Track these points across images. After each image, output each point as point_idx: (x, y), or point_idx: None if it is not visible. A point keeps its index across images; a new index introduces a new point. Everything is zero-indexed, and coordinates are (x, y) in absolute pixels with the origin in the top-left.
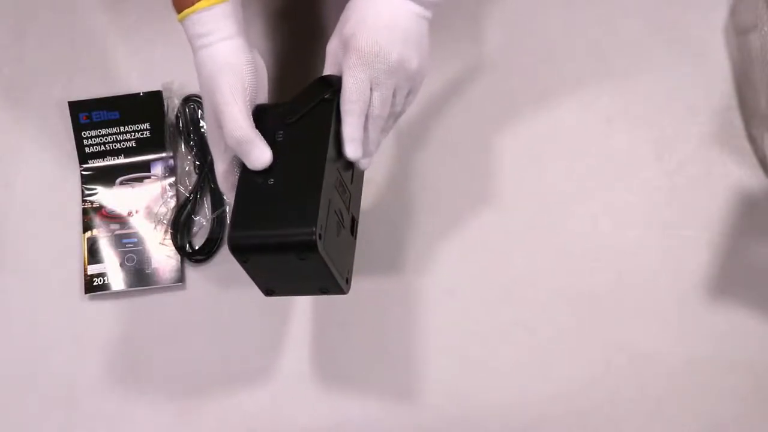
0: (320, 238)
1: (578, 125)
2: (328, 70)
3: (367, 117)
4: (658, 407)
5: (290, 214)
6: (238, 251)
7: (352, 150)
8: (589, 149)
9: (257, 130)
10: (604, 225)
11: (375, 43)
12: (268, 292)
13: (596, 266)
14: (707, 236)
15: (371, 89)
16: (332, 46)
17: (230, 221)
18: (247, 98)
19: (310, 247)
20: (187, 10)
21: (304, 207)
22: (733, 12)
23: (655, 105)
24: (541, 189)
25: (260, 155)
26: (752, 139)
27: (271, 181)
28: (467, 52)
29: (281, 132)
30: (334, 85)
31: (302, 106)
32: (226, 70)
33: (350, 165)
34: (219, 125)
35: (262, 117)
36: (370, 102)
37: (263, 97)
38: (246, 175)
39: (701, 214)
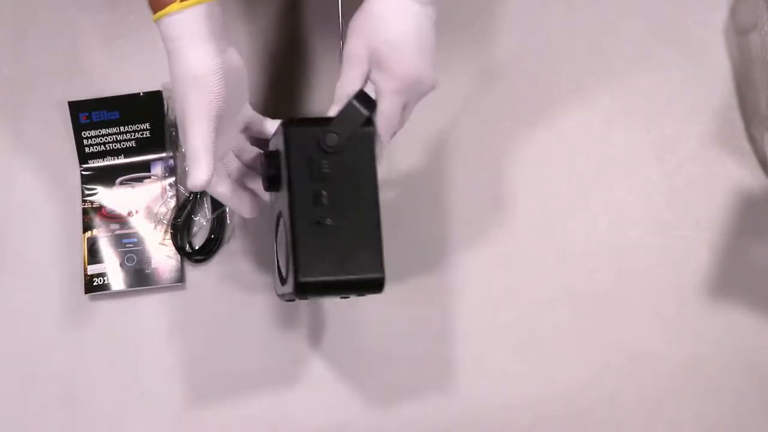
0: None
1: (578, 125)
2: (350, 72)
3: None
4: (658, 407)
5: (357, 257)
6: (305, 293)
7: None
8: (589, 149)
9: (210, 152)
10: (604, 225)
11: (416, 69)
12: (304, 298)
13: (596, 266)
14: (707, 236)
15: (403, 109)
16: (356, 51)
17: (294, 261)
18: (213, 113)
19: (379, 287)
20: (160, 12)
21: (369, 248)
22: (733, 12)
23: (655, 105)
24: (541, 189)
25: (197, 176)
26: (752, 139)
27: (329, 221)
28: (467, 53)
29: (325, 162)
30: (370, 108)
31: (341, 131)
32: (191, 84)
33: None
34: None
35: (297, 134)
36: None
37: (244, 98)
38: (302, 211)
39: (701, 214)
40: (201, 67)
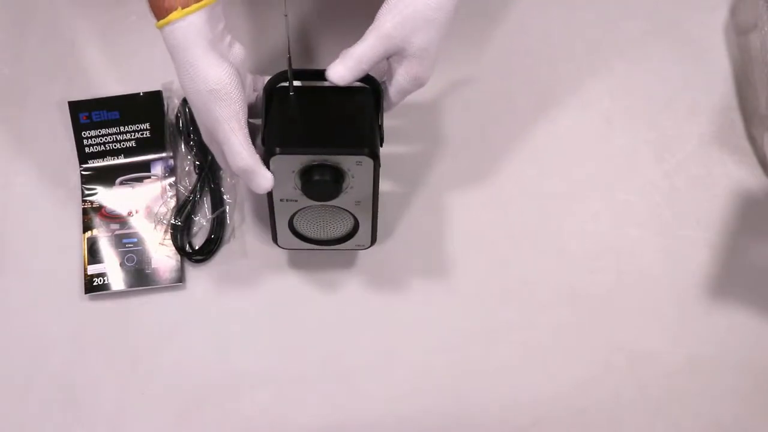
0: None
1: (578, 125)
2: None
3: None
4: (658, 407)
5: None
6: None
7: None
8: (589, 149)
9: (257, 157)
10: (604, 225)
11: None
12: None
13: (596, 266)
14: (707, 236)
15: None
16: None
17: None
18: (242, 121)
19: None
20: (162, 21)
21: None
22: (733, 12)
23: (655, 105)
24: (541, 189)
25: (263, 184)
26: (752, 139)
27: None
28: (467, 53)
29: None
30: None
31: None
32: (210, 97)
33: None
34: (217, 143)
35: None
36: None
37: (247, 79)
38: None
39: (701, 214)
40: (215, 78)
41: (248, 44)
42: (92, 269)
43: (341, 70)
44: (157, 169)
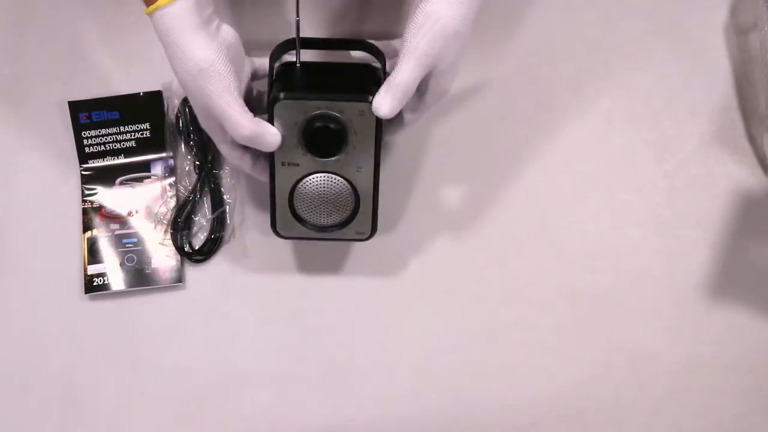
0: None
1: (578, 125)
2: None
3: None
4: (658, 407)
5: None
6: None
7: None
8: (589, 149)
9: (257, 119)
10: (604, 225)
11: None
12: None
13: (596, 266)
14: (707, 236)
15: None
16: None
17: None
18: (235, 93)
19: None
20: (151, 6)
21: None
22: (733, 12)
23: (655, 105)
24: (540, 189)
25: (272, 141)
26: (752, 139)
27: None
28: (466, 53)
29: None
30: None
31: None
32: (201, 76)
33: None
34: (215, 119)
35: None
36: None
37: (244, 62)
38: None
39: (701, 214)
40: (204, 57)
41: (239, 34)
42: (92, 269)
43: (390, 102)
44: (157, 169)
